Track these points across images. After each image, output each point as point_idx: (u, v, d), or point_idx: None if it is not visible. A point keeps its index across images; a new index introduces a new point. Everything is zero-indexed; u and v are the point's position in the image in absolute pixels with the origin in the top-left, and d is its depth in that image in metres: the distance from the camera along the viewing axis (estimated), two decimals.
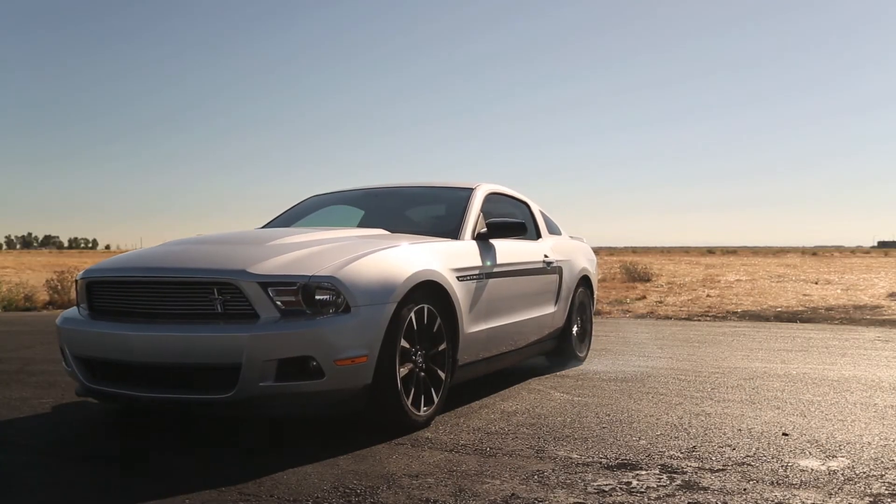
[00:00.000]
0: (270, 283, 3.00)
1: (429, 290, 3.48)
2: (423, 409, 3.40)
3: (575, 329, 5.50)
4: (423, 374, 3.44)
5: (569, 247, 5.64)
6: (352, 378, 3.05)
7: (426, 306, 3.44)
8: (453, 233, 4.12)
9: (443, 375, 3.57)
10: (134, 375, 3.14)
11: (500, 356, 4.32)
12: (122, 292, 3.32)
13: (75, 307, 3.61)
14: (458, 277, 3.71)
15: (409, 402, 3.28)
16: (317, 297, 3.03)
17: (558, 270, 5.17)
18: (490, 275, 4.06)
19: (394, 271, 3.28)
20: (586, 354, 5.74)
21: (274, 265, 3.10)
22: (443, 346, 3.56)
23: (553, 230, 5.66)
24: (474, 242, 4.12)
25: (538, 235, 5.28)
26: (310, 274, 3.04)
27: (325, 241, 3.53)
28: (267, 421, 3.52)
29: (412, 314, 3.32)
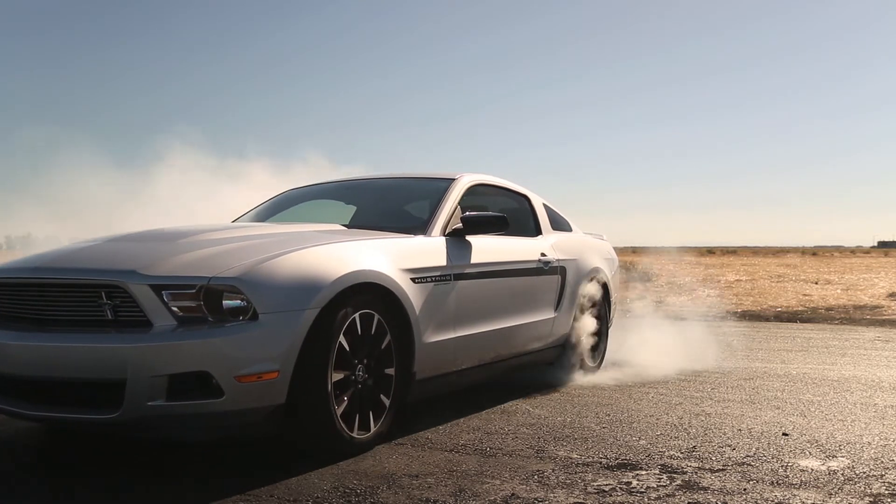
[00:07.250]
0: (164, 286, 2.61)
1: (372, 294, 3.07)
2: (365, 428, 2.99)
3: (584, 336, 4.95)
4: (364, 390, 3.01)
5: (578, 245, 5.09)
6: (259, 397, 2.63)
7: (368, 312, 3.02)
8: (421, 228, 3.71)
9: (391, 391, 3.16)
10: (19, 389, 2.79)
11: (479, 368, 3.86)
12: (14, 296, 2.94)
13: None
14: (413, 279, 3.27)
15: (343, 423, 2.86)
16: (224, 303, 2.63)
17: (560, 271, 4.65)
18: (461, 276, 3.62)
19: (317, 272, 2.84)
20: (600, 364, 5.17)
21: (172, 265, 2.70)
22: (390, 358, 3.15)
23: (560, 226, 5.13)
24: (443, 239, 3.67)
25: (538, 232, 4.79)
26: (210, 275, 2.64)
27: (248, 238, 3.13)
28: None
29: (349, 322, 2.91)
